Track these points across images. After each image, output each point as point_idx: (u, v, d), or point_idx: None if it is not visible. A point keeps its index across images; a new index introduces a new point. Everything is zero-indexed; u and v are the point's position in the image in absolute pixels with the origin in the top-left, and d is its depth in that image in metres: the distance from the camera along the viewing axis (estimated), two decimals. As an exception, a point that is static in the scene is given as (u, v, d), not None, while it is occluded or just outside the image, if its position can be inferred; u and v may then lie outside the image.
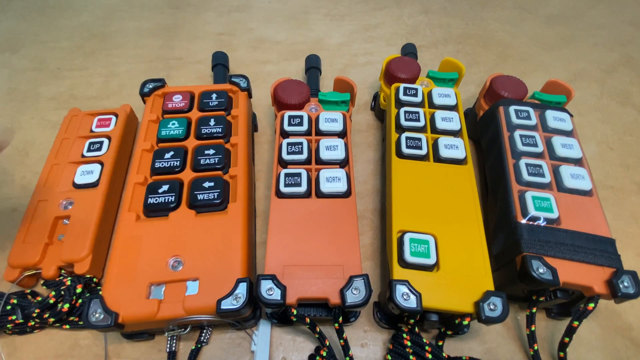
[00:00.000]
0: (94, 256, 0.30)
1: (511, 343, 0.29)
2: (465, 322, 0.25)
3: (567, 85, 0.36)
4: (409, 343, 0.27)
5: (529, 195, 0.29)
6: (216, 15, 0.57)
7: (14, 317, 0.28)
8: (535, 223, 0.28)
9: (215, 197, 0.29)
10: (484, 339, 0.30)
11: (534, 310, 0.27)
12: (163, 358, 0.28)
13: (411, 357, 0.26)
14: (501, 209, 0.30)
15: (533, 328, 0.27)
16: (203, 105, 0.36)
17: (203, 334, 0.28)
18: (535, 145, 0.32)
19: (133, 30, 0.54)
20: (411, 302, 0.24)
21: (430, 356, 0.26)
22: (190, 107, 0.36)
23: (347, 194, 0.30)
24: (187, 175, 0.31)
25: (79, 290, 0.28)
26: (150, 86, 0.37)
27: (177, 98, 0.36)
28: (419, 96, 0.36)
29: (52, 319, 0.28)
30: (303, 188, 0.29)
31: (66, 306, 0.28)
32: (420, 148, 0.32)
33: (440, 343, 0.27)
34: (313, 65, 0.44)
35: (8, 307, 0.28)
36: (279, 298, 0.24)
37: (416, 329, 0.28)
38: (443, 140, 0.32)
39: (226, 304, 0.24)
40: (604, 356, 0.29)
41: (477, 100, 0.40)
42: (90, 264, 0.29)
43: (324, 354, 0.26)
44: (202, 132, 0.33)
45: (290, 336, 0.29)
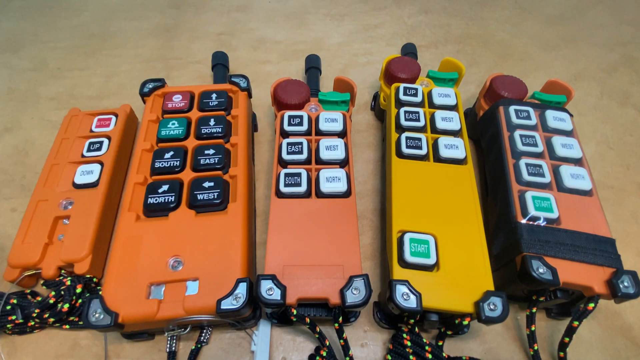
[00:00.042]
0: (94, 256, 0.30)
1: (511, 343, 0.29)
2: (465, 322, 0.25)
3: (567, 85, 0.36)
4: (409, 343, 0.27)
5: (529, 195, 0.29)
6: (216, 15, 0.57)
7: (14, 317, 0.28)
8: (535, 223, 0.28)
9: (215, 197, 0.29)
10: (484, 339, 0.30)
11: (534, 310, 0.27)
12: (163, 358, 0.28)
13: (411, 357, 0.26)
14: (501, 209, 0.30)
15: (533, 328, 0.27)
16: (203, 105, 0.36)
17: (203, 334, 0.28)
18: (535, 145, 0.32)
19: (133, 30, 0.54)
20: (411, 302, 0.24)
21: (430, 356, 0.26)
22: (190, 107, 0.36)
23: (347, 194, 0.30)
24: (187, 175, 0.31)
25: (79, 290, 0.29)
26: (150, 86, 0.37)
27: (177, 98, 0.36)
28: (419, 96, 0.36)
29: (52, 319, 0.28)
30: (303, 188, 0.29)
31: (66, 306, 0.28)
32: (420, 148, 0.32)
33: (440, 343, 0.27)
34: (313, 65, 0.44)
35: (8, 307, 0.28)
36: (279, 298, 0.24)
37: (416, 329, 0.28)
38: (443, 140, 0.32)
39: (226, 304, 0.24)
40: (604, 356, 0.29)
41: (477, 100, 0.40)
42: (90, 264, 0.29)
43: (324, 354, 0.26)
44: (202, 132, 0.33)
45: (290, 336, 0.29)
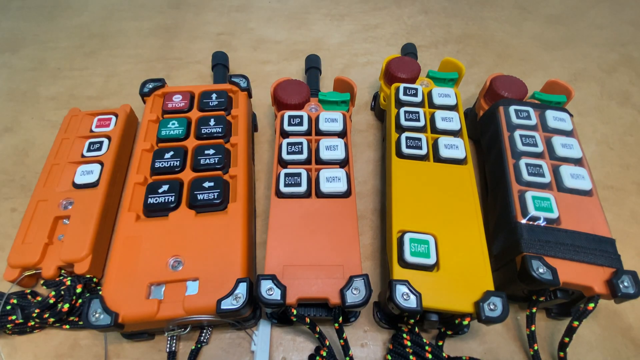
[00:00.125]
0: (94, 256, 0.30)
1: (511, 343, 0.29)
2: (465, 322, 0.25)
3: (567, 85, 0.36)
4: (409, 343, 0.27)
5: (529, 195, 0.29)
6: (216, 15, 0.57)
7: (14, 317, 0.28)
8: (535, 223, 0.28)
9: (215, 197, 0.29)
10: (484, 339, 0.30)
11: (534, 310, 0.27)
12: (163, 358, 0.28)
13: (411, 357, 0.26)
14: (501, 209, 0.30)
15: (533, 328, 0.27)
16: (203, 105, 0.36)
17: (203, 334, 0.28)
18: (535, 145, 0.32)
19: (133, 30, 0.54)
20: (411, 302, 0.24)
21: (430, 356, 0.26)
22: (190, 107, 0.36)
23: (347, 194, 0.30)
24: (187, 175, 0.31)
25: (79, 290, 0.29)
26: (150, 86, 0.37)
27: (177, 98, 0.36)
28: (419, 96, 0.36)
29: (52, 319, 0.28)
30: (303, 188, 0.29)
31: (66, 306, 0.28)
32: (420, 148, 0.32)
33: (440, 343, 0.27)
34: (313, 65, 0.44)
35: (8, 307, 0.28)
36: (279, 298, 0.24)
37: (416, 329, 0.28)
38: (443, 140, 0.32)
39: (226, 304, 0.24)
40: (604, 356, 0.29)
41: (477, 100, 0.40)
42: (90, 264, 0.29)
43: (324, 354, 0.26)
44: (202, 132, 0.33)
45: (290, 336, 0.29)
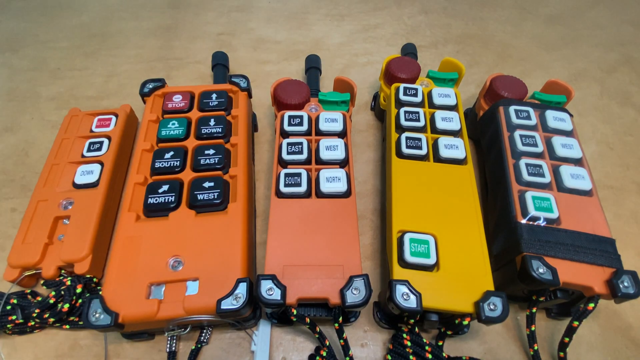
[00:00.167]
0: (94, 256, 0.30)
1: (511, 343, 0.29)
2: (465, 322, 0.25)
3: (567, 85, 0.36)
4: (409, 343, 0.27)
5: (529, 195, 0.29)
6: (216, 15, 0.57)
7: (14, 317, 0.28)
8: (535, 223, 0.28)
9: (215, 197, 0.29)
10: (484, 339, 0.30)
11: (534, 310, 0.27)
12: (163, 358, 0.28)
13: (411, 357, 0.26)
14: (501, 209, 0.30)
15: (533, 328, 0.27)
16: (203, 105, 0.36)
17: (203, 334, 0.28)
18: (535, 145, 0.32)
19: (133, 30, 0.54)
20: (411, 302, 0.24)
21: (430, 356, 0.26)
22: (190, 107, 0.36)
23: (347, 194, 0.30)
24: (187, 175, 0.31)
25: (79, 290, 0.29)
26: (150, 86, 0.37)
27: (177, 98, 0.36)
28: (419, 96, 0.36)
29: (52, 319, 0.28)
30: (303, 188, 0.29)
31: (66, 306, 0.28)
32: (420, 148, 0.32)
33: (440, 343, 0.27)
34: (313, 65, 0.44)
35: (8, 307, 0.28)
36: (279, 298, 0.24)
37: (416, 329, 0.28)
38: (443, 140, 0.32)
39: (226, 304, 0.24)
40: (604, 356, 0.29)
41: (477, 100, 0.40)
42: (90, 264, 0.29)
43: (324, 354, 0.26)
44: (202, 132, 0.33)
45: (290, 336, 0.29)
